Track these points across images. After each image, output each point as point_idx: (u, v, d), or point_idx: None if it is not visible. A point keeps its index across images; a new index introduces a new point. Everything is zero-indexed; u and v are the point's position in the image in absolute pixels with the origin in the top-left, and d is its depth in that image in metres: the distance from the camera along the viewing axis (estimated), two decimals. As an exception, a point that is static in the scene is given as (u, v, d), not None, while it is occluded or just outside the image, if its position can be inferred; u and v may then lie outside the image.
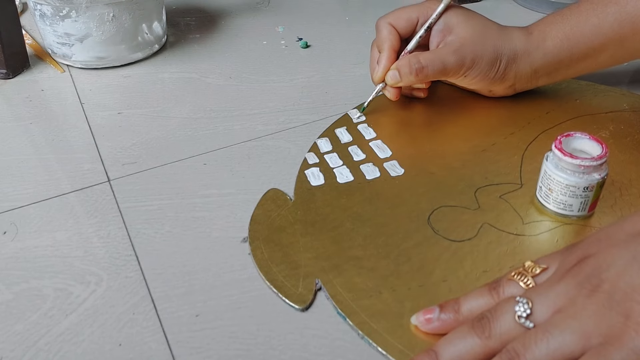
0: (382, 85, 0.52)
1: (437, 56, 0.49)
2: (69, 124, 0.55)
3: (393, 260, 0.38)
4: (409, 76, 0.49)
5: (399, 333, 0.34)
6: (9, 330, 0.35)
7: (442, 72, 0.49)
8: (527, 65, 0.50)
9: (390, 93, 0.52)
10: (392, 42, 0.51)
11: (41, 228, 0.43)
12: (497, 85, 0.52)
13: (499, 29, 0.50)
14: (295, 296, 0.36)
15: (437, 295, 0.36)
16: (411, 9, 0.51)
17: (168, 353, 0.34)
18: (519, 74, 0.51)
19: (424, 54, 0.49)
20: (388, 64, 0.50)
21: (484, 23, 0.50)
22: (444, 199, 0.43)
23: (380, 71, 0.51)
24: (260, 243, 0.40)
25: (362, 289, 0.36)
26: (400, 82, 0.50)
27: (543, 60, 0.50)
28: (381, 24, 0.52)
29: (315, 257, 0.39)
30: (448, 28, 0.50)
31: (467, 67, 0.49)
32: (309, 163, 0.48)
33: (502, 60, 0.49)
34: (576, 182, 0.39)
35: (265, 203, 0.44)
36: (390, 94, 0.52)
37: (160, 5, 0.66)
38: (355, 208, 0.43)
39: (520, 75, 0.51)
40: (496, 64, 0.50)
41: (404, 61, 0.49)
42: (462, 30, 0.49)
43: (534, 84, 0.53)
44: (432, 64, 0.48)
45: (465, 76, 0.50)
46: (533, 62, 0.50)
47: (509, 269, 0.37)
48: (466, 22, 0.49)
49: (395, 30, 0.51)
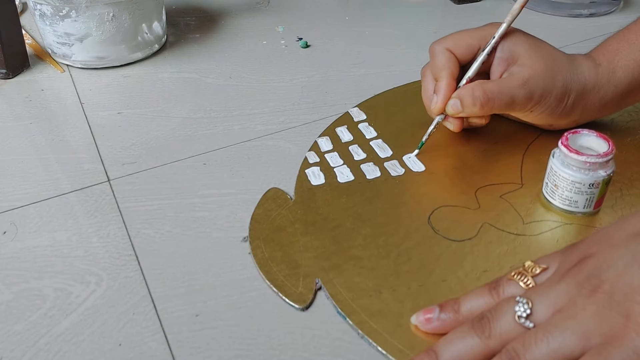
0: (441, 117, 0.47)
1: (504, 88, 0.44)
2: (69, 124, 0.55)
3: (393, 260, 0.39)
4: (472, 107, 0.44)
5: (398, 333, 0.34)
6: (9, 330, 0.35)
7: (508, 105, 0.44)
8: (597, 100, 0.46)
9: (453, 125, 0.47)
10: (452, 70, 0.46)
11: (41, 228, 0.43)
12: (561, 120, 0.47)
13: (568, 61, 0.46)
14: (295, 295, 0.36)
15: (437, 295, 0.36)
16: (471, 34, 0.47)
17: (168, 353, 0.34)
18: (587, 109, 0.47)
19: (488, 84, 0.44)
20: (448, 93, 0.46)
21: (554, 54, 0.45)
22: (445, 198, 0.43)
23: (440, 101, 0.46)
24: (261, 242, 0.40)
25: (362, 289, 0.37)
26: (462, 113, 0.45)
27: (614, 93, 0.46)
28: (437, 50, 0.46)
29: (316, 257, 0.39)
30: (513, 57, 0.45)
31: (535, 102, 0.45)
32: (310, 162, 0.48)
33: (571, 95, 0.45)
34: (582, 178, 0.39)
35: (266, 202, 0.44)
36: (453, 125, 0.47)
37: (160, 5, 0.66)
38: (355, 208, 0.43)
39: (587, 109, 0.47)
40: (565, 100, 0.45)
41: (466, 91, 0.45)
42: (530, 61, 0.44)
43: (600, 116, 0.49)
44: (499, 96, 0.44)
45: (531, 111, 0.46)
46: (604, 97, 0.46)
47: (509, 268, 0.37)
48: (535, 52, 0.45)
49: (454, 57, 0.46)
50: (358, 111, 0.54)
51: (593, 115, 0.48)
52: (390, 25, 0.74)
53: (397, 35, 0.71)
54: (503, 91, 0.44)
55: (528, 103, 0.45)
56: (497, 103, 0.44)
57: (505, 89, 0.44)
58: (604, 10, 0.77)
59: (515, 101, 0.44)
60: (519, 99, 0.44)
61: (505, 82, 0.44)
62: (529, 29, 0.49)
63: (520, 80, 0.44)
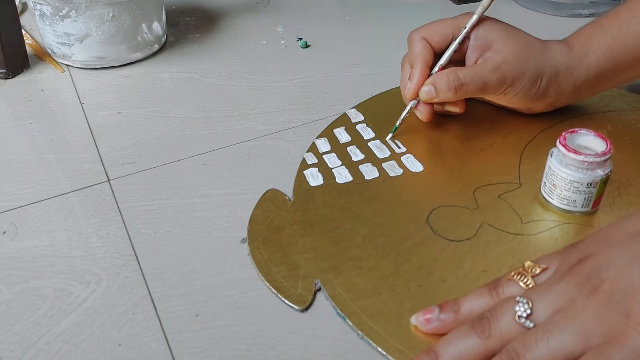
0: (414, 102, 0.49)
1: (477, 73, 0.46)
2: (69, 124, 0.55)
3: (392, 260, 0.39)
4: (447, 92, 0.46)
5: (398, 333, 0.34)
6: (9, 330, 0.35)
7: (481, 89, 0.46)
8: (570, 82, 0.48)
9: (422, 113, 0.49)
10: (426, 57, 0.48)
11: (41, 228, 0.43)
12: (537, 103, 0.49)
13: (540, 45, 0.48)
14: (294, 297, 0.36)
15: (437, 295, 0.36)
16: (446, 24, 0.49)
17: (168, 353, 0.34)
18: (561, 91, 0.49)
19: (462, 70, 0.46)
20: (421, 79, 0.47)
21: (526, 39, 0.48)
22: (443, 198, 0.43)
23: (413, 87, 0.48)
24: (260, 244, 0.40)
25: (362, 289, 0.37)
26: (436, 98, 0.47)
27: (586, 76, 0.48)
28: (414, 38, 0.49)
29: (315, 258, 0.39)
30: (487, 43, 0.47)
31: (508, 84, 0.47)
32: (308, 163, 0.48)
33: (544, 77, 0.47)
34: (580, 178, 0.39)
35: (264, 203, 0.44)
36: (422, 113, 0.49)
37: (160, 5, 0.66)
38: (354, 208, 0.43)
39: (561, 92, 0.49)
40: (537, 82, 0.47)
41: (440, 76, 0.46)
42: (502, 47, 0.47)
43: (575, 99, 0.51)
44: (472, 81, 0.46)
45: (505, 94, 0.48)
46: (576, 79, 0.48)
47: (508, 268, 0.37)
48: (507, 38, 0.47)
49: (429, 45, 0.48)
50: (356, 112, 0.54)
51: (568, 99, 0.50)
52: (390, 26, 0.74)
53: (397, 36, 0.71)
54: (476, 76, 0.46)
55: (501, 86, 0.47)
56: (470, 87, 0.46)
57: (478, 74, 0.46)
58: (603, 10, 0.76)
59: (487, 85, 0.46)
60: (491, 82, 0.46)
61: (479, 67, 0.47)
62: (529, 29, 0.49)
63: (493, 65, 0.46)
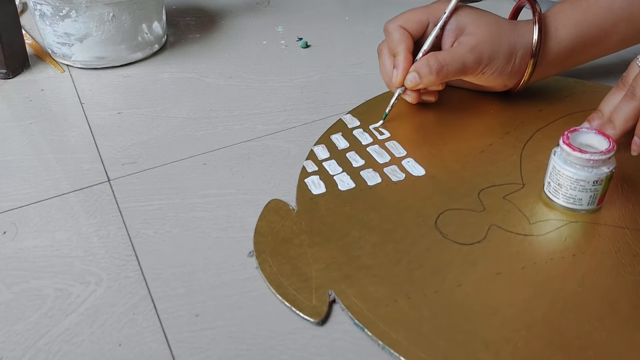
0: (402, 89, 0.51)
1: (456, 55, 0.49)
2: (69, 124, 0.55)
3: (405, 267, 0.38)
4: (429, 76, 0.48)
5: (420, 341, 0.33)
6: (9, 330, 0.35)
7: (461, 70, 0.49)
8: (542, 57, 0.51)
9: (411, 97, 0.51)
10: (408, 44, 0.50)
11: (41, 228, 0.43)
12: (512, 80, 0.52)
13: (511, 25, 0.50)
14: (309, 309, 0.35)
15: (454, 300, 0.35)
16: (420, 11, 0.51)
17: (168, 353, 0.34)
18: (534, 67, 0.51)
19: (440, 54, 0.49)
20: (407, 66, 0.50)
21: (496, 20, 0.50)
22: (448, 202, 0.43)
23: (399, 74, 0.50)
24: (267, 256, 0.39)
25: (377, 298, 0.36)
26: (420, 84, 0.49)
27: (558, 50, 0.51)
28: (392, 27, 0.51)
29: (325, 268, 0.38)
30: (460, 28, 0.50)
31: (485, 64, 0.49)
32: (308, 171, 0.47)
33: (518, 54, 0.50)
34: (586, 176, 0.40)
35: (268, 214, 0.42)
36: (411, 97, 0.51)
37: (160, 5, 0.66)
38: (360, 215, 0.42)
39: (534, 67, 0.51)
40: (512, 59, 0.50)
41: (422, 62, 0.49)
42: (475, 29, 0.49)
43: (547, 74, 0.53)
44: (451, 62, 0.48)
45: (483, 73, 0.50)
46: (548, 53, 0.51)
47: (521, 270, 0.37)
48: (479, 21, 0.50)
49: (407, 33, 0.50)
50: (351, 117, 0.54)
51: (541, 73, 0.53)
52: (390, 26, 0.74)
53: (397, 36, 0.71)
54: (454, 58, 0.49)
55: (478, 66, 0.49)
56: (450, 69, 0.49)
57: (456, 56, 0.49)
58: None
59: (466, 66, 0.49)
60: (469, 63, 0.49)
61: (456, 50, 0.49)
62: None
63: (468, 46, 0.49)
